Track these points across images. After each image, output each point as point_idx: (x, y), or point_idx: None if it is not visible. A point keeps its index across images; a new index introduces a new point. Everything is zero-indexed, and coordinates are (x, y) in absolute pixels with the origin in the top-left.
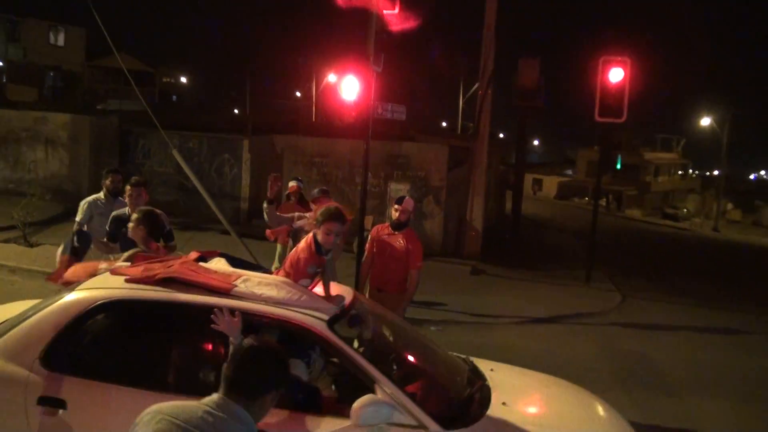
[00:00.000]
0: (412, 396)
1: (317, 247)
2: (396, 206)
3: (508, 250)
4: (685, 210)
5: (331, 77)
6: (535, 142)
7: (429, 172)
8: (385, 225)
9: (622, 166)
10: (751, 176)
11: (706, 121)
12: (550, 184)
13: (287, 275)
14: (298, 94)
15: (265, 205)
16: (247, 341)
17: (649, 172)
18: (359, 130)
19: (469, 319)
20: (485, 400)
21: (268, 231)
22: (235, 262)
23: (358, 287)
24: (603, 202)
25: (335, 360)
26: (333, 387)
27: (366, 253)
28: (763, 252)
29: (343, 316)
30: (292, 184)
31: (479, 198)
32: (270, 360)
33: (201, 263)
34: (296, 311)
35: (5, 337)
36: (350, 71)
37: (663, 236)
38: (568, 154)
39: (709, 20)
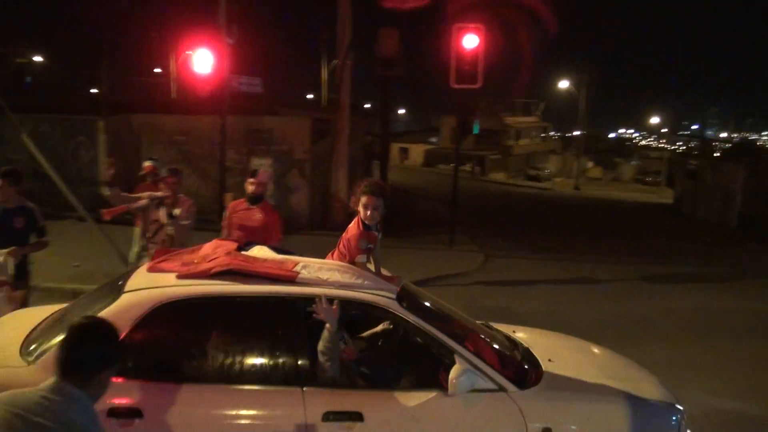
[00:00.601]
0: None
1: (364, 224)
2: (250, 179)
3: None
4: (547, 171)
5: (191, 51)
6: (401, 111)
7: (292, 145)
8: (241, 200)
9: (484, 131)
10: (611, 135)
11: (563, 85)
12: (417, 152)
13: (343, 256)
14: (157, 70)
15: (105, 189)
16: (77, 320)
17: (510, 136)
18: (217, 104)
19: None
20: (534, 359)
21: (103, 210)
22: (277, 249)
23: None
24: (468, 167)
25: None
26: (402, 363)
27: (223, 230)
28: (620, 205)
29: (403, 294)
30: (147, 164)
31: (343, 169)
32: (99, 337)
33: (244, 252)
34: (366, 292)
35: (51, 352)
36: (203, 44)
37: (526, 197)
38: (433, 122)
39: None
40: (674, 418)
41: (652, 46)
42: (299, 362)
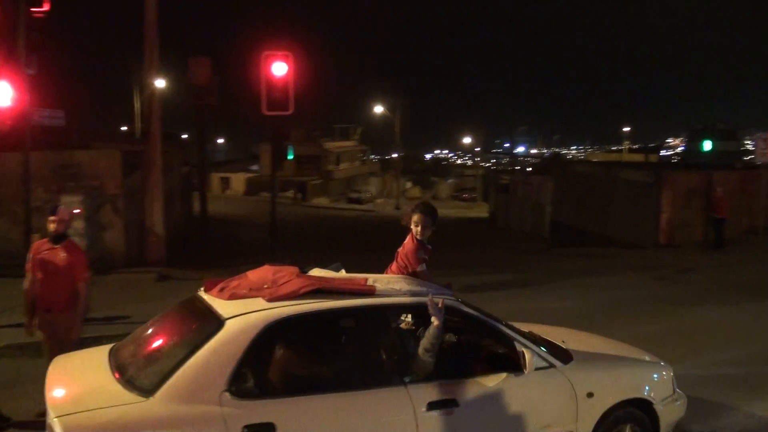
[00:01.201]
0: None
1: (417, 239)
2: (51, 217)
3: (198, 251)
4: (368, 193)
5: None
6: (220, 141)
7: (104, 179)
8: (43, 240)
9: (304, 156)
10: (427, 155)
11: (379, 109)
12: (238, 181)
13: (403, 268)
14: None
15: None
16: None
17: (330, 160)
18: (18, 140)
19: None
20: (554, 342)
21: None
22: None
23: (27, 312)
24: (290, 193)
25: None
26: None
27: (27, 273)
28: (439, 221)
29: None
30: None
31: (158, 202)
32: None
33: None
34: (427, 299)
35: (170, 383)
36: (1, 75)
37: (349, 220)
38: (253, 149)
39: (379, 18)
40: (670, 373)
41: (463, 69)
42: (397, 363)
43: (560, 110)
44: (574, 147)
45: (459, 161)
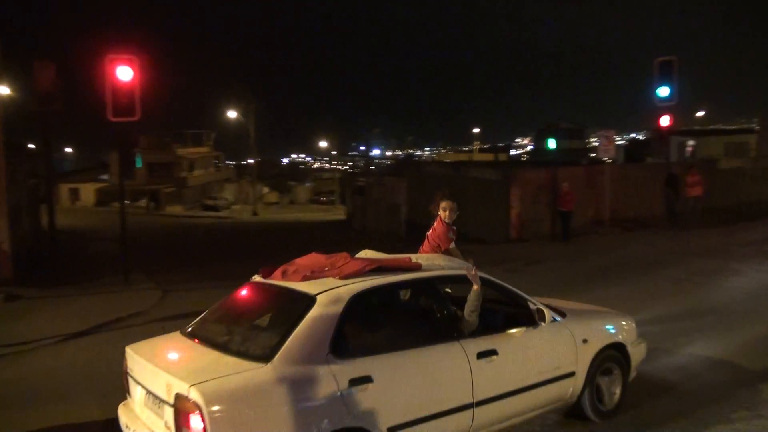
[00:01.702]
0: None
1: (445, 222)
2: None
3: (48, 268)
4: (224, 200)
5: None
6: (68, 150)
7: None
8: None
9: (156, 164)
10: (284, 160)
11: (232, 114)
12: (88, 191)
13: (436, 247)
14: None
15: None
16: None
17: (184, 167)
18: None
19: None
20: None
21: None
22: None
23: None
24: (143, 202)
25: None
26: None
27: None
28: (298, 226)
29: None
30: None
31: (4, 218)
32: None
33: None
34: (464, 272)
35: (283, 350)
36: None
37: (205, 227)
38: (103, 158)
39: (232, 21)
40: (633, 323)
41: (318, 73)
42: (450, 323)
43: (413, 112)
44: (428, 148)
45: (316, 165)
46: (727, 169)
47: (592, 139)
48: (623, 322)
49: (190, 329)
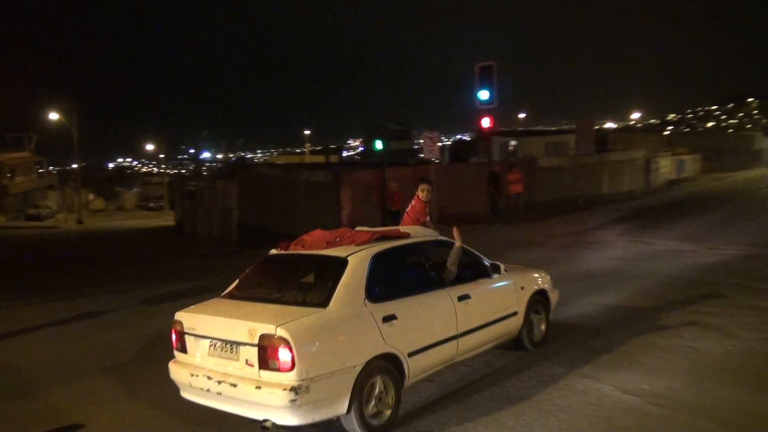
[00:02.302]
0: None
1: (422, 201)
2: None
3: None
4: (48, 208)
5: None
6: None
7: None
8: None
9: None
10: (110, 165)
11: (54, 116)
12: None
13: (415, 221)
14: None
15: None
16: None
17: (4, 174)
18: None
19: None
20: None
21: None
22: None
23: None
24: None
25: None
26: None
27: None
28: (125, 233)
29: None
30: None
31: None
32: None
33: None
34: (441, 238)
35: (335, 298)
36: None
37: (27, 238)
38: None
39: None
40: (548, 276)
41: (141, 75)
42: (440, 275)
43: (244, 115)
44: (259, 151)
45: (145, 169)
46: (547, 167)
47: (420, 140)
48: (543, 274)
49: (230, 293)
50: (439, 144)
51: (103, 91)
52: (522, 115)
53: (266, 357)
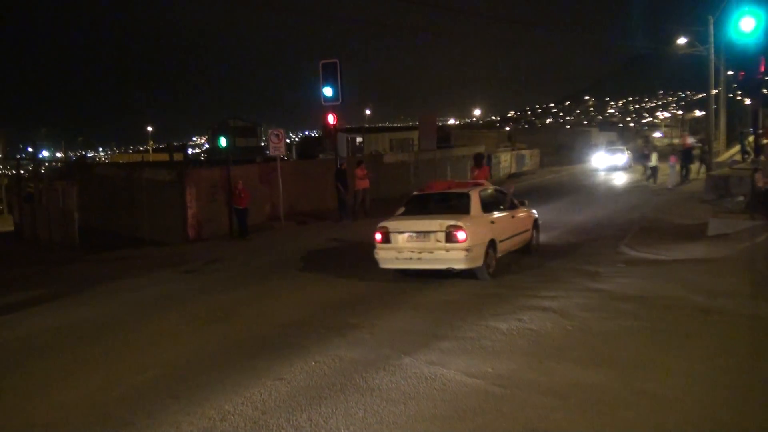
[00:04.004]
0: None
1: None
2: None
3: None
4: None
5: None
6: None
7: None
8: None
9: None
10: None
11: None
12: None
13: (480, 181)
14: None
15: None
16: None
17: None
18: None
19: None
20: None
21: None
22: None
23: None
24: None
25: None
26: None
27: None
28: None
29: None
30: None
31: None
32: None
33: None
34: (498, 187)
35: (471, 211)
36: None
37: None
38: None
39: None
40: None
41: None
42: (505, 203)
43: (84, 111)
44: (101, 149)
45: None
46: (392, 163)
47: (267, 137)
48: (535, 211)
49: (402, 215)
50: (287, 141)
51: None
52: (368, 112)
53: (451, 236)
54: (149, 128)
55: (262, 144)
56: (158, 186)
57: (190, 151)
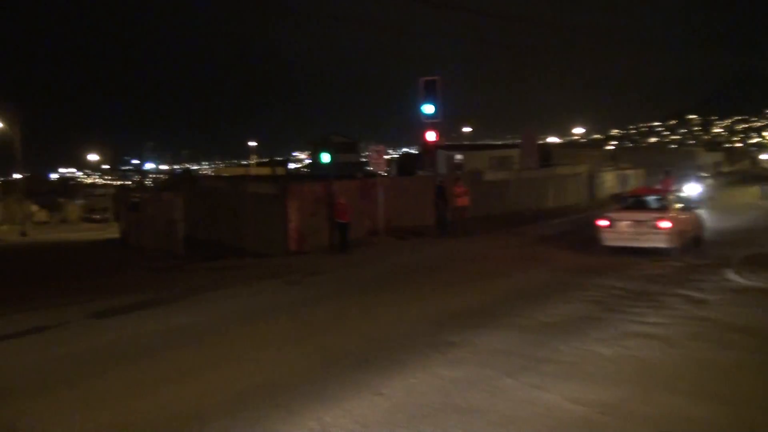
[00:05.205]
0: None
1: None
2: None
3: None
4: None
5: None
6: None
7: None
8: None
9: None
10: (52, 175)
11: None
12: None
13: (664, 191)
14: None
15: None
16: None
17: None
18: None
19: None
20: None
21: None
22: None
23: None
24: None
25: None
26: None
27: None
28: (69, 246)
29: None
30: None
31: None
32: None
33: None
34: (678, 194)
35: (671, 207)
36: None
37: None
38: None
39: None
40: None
41: (83, 83)
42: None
43: (189, 125)
44: (206, 162)
45: (89, 180)
46: (492, 181)
47: (367, 153)
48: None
49: (620, 209)
50: (386, 157)
51: (45, 100)
52: (467, 129)
53: (657, 224)
54: (252, 143)
55: (362, 160)
56: (261, 199)
57: (290, 165)
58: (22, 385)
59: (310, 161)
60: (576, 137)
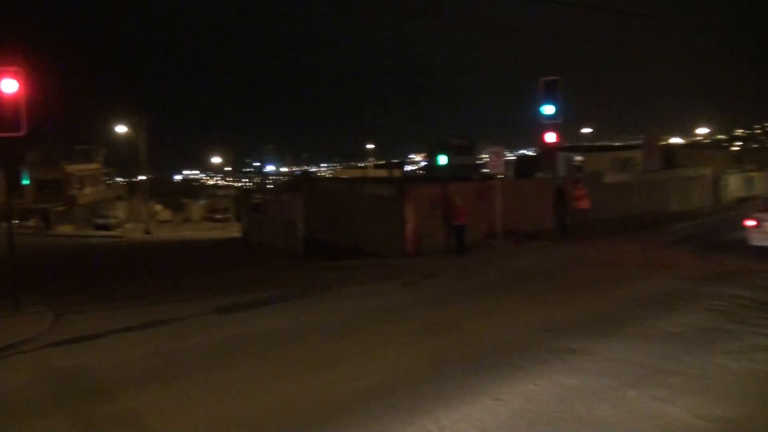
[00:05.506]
0: None
1: None
2: None
3: None
4: (115, 218)
5: None
6: None
7: None
8: None
9: (45, 181)
10: (176, 177)
11: (122, 129)
12: None
13: None
14: None
15: None
16: None
17: (73, 185)
18: None
19: None
20: None
21: None
22: None
23: None
24: (32, 222)
25: None
26: None
27: None
28: (192, 244)
29: None
30: None
31: None
32: None
33: None
34: None
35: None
36: None
37: (98, 247)
38: None
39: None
40: None
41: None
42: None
43: (308, 128)
44: (324, 164)
45: (211, 182)
46: (613, 183)
47: (483, 155)
48: None
49: (762, 210)
50: (504, 159)
51: (171, 103)
52: (587, 130)
53: None
54: (369, 145)
55: (478, 162)
56: (379, 201)
57: (407, 167)
58: (146, 376)
59: (426, 163)
60: (699, 138)
